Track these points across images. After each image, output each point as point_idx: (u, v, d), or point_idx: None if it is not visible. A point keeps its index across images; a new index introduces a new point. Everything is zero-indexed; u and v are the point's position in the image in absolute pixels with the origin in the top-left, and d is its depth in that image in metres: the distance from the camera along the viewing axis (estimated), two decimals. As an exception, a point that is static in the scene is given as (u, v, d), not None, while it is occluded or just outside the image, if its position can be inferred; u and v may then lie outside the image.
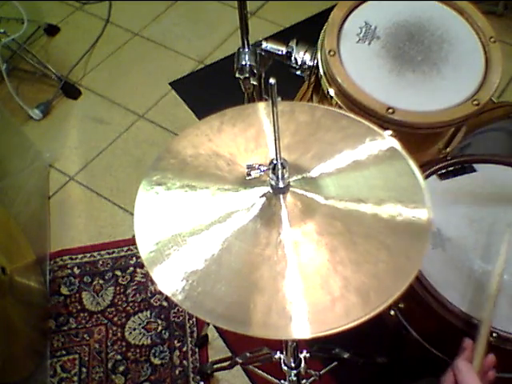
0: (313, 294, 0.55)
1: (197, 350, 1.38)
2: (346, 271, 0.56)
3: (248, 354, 1.10)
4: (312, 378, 1.10)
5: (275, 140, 0.57)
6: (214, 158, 0.67)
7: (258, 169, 0.60)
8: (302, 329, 0.53)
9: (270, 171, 0.60)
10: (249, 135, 0.69)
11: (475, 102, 0.90)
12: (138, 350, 1.39)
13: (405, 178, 0.63)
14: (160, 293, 1.48)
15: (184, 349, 1.39)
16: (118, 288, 1.50)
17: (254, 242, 0.59)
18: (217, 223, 0.61)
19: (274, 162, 0.59)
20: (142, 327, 1.43)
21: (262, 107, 0.73)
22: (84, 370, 1.37)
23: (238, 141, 0.69)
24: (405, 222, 0.59)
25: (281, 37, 1.11)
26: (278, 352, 1.02)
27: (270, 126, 0.68)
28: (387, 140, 0.67)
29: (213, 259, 0.58)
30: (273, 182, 0.61)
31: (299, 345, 0.97)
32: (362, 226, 0.59)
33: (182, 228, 0.61)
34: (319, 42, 1.00)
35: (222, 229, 0.60)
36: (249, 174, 0.60)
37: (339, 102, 0.96)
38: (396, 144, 0.67)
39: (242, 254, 0.58)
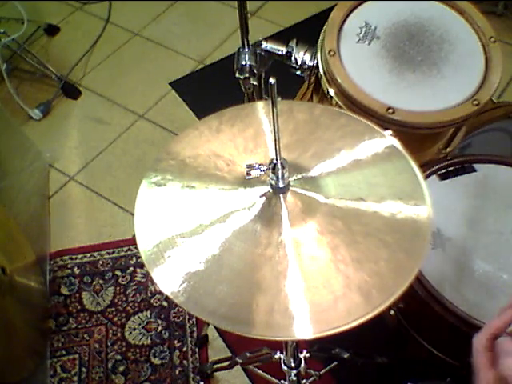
0: (315, 293, 0.55)
1: (197, 350, 1.38)
2: (347, 270, 0.56)
3: (248, 354, 1.10)
4: (312, 378, 1.10)
5: (275, 140, 0.57)
6: (213, 158, 0.67)
7: (258, 168, 0.60)
8: (305, 329, 0.53)
9: (270, 171, 0.60)
10: (247, 135, 0.69)
11: (475, 102, 0.90)
12: (137, 350, 1.39)
13: (404, 176, 0.64)
14: (160, 293, 1.48)
15: (184, 349, 1.39)
16: (117, 288, 1.50)
17: (255, 242, 0.59)
18: (217, 223, 0.61)
19: (274, 161, 0.59)
20: (142, 327, 1.43)
21: (261, 107, 0.73)
22: (84, 369, 1.37)
23: (236, 141, 0.69)
24: (405, 219, 0.59)
25: (281, 37, 1.10)
26: (278, 352, 1.02)
27: (269, 126, 0.68)
28: (386, 138, 0.67)
29: (214, 260, 0.58)
30: (273, 182, 0.61)
31: (299, 345, 0.97)
32: (362, 225, 0.59)
33: (183, 229, 0.61)
34: (319, 41, 1.00)
35: (223, 229, 0.60)
36: (249, 174, 0.60)
37: (339, 102, 0.96)
38: (395, 142, 0.67)
39: (243, 255, 0.58)
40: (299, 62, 1.06)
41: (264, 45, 1.06)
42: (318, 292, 0.54)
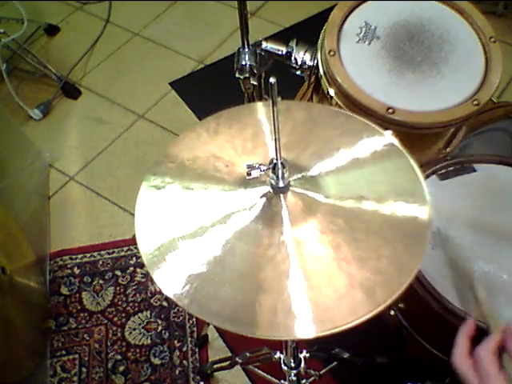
0: (318, 292, 0.55)
1: (197, 349, 1.38)
2: (350, 268, 0.56)
3: (248, 354, 1.10)
4: (312, 378, 1.10)
5: (275, 139, 0.57)
6: (212, 160, 0.67)
7: (258, 168, 0.60)
8: (309, 328, 0.52)
9: (270, 171, 0.59)
10: (246, 136, 0.69)
11: (475, 102, 0.90)
12: (137, 350, 1.39)
13: (403, 173, 0.64)
14: (160, 293, 1.48)
15: (184, 349, 1.39)
16: (118, 288, 1.50)
17: (257, 242, 0.59)
18: (218, 225, 0.61)
19: (274, 161, 0.59)
20: (142, 327, 1.43)
21: (258, 107, 0.73)
22: (84, 369, 1.37)
23: (235, 142, 0.69)
24: (405, 216, 0.59)
25: (281, 37, 1.10)
26: (278, 352, 1.02)
27: (267, 126, 0.68)
28: (384, 136, 0.67)
29: (216, 261, 0.58)
30: (273, 182, 0.61)
31: (299, 345, 0.97)
32: (363, 223, 0.59)
33: (184, 231, 0.61)
34: (319, 41, 1.00)
35: (224, 230, 0.60)
36: (249, 174, 0.60)
37: (339, 102, 0.96)
38: (393, 139, 0.67)
39: (245, 255, 0.58)
40: (299, 62, 1.06)
41: (264, 45, 1.06)
42: (321, 291, 0.54)
